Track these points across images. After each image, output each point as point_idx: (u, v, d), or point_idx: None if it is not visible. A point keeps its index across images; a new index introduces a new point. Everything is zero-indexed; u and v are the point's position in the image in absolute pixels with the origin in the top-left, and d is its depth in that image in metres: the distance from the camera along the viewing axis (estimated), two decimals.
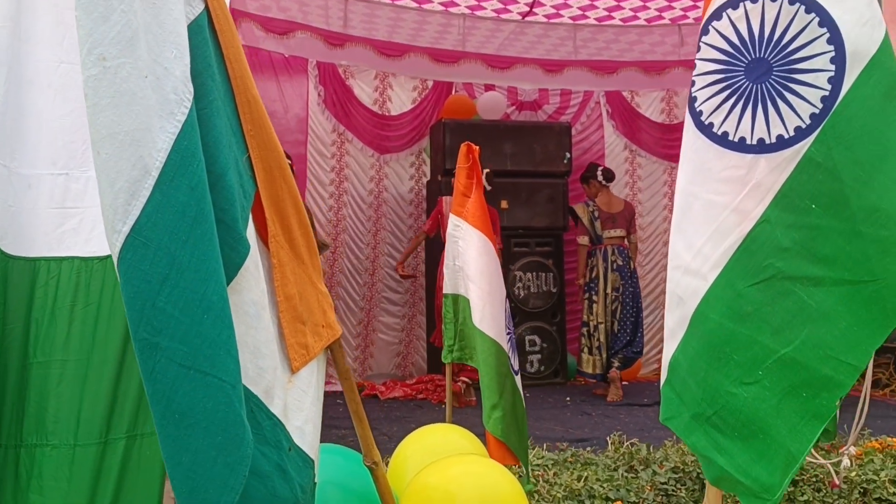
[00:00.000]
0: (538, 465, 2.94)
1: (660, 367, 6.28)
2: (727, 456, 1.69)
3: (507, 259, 6.74)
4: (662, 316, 6.58)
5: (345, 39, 6.91)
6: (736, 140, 1.77)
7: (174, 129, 1.10)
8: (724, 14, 1.83)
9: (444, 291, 3.41)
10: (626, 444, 3.07)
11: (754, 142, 1.74)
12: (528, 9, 7.14)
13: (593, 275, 6.19)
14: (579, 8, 7.17)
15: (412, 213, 7.11)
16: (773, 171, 1.70)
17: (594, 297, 6.14)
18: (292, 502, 1.31)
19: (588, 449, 3.28)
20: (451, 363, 3.32)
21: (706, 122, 1.82)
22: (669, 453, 2.97)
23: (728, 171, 1.77)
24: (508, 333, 2.82)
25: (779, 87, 1.72)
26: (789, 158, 1.69)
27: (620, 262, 6.17)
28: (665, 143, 7.50)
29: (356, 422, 1.70)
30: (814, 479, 2.87)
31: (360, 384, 6.60)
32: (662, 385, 1.88)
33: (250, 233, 1.29)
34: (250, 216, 1.31)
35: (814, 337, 1.62)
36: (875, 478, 2.78)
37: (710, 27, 1.85)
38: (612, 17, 7.39)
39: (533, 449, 3.29)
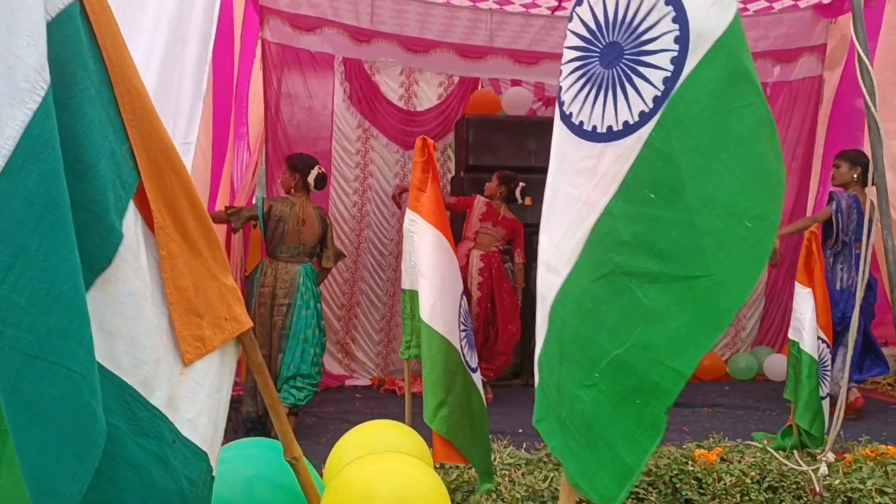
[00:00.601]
0: (510, 464, 2.91)
1: (728, 372, 6.12)
2: (576, 462, 1.61)
3: (531, 256, 6.68)
4: None
5: (371, 35, 6.94)
6: (589, 129, 1.68)
7: (24, 118, 1.10)
8: (585, 0, 1.75)
9: (402, 287, 3.39)
10: None
11: (604, 130, 1.65)
12: (556, 3, 7.07)
13: None
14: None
15: None
16: (619, 159, 1.60)
17: None
18: (176, 494, 1.31)
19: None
20: (408, 360, 3.29)
21: (567, 112, 1.74)
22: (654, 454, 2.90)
23: (583, 163, 1.68)
24: (464, 330, 2.78)
25: (628, 71, 1.62)
26: (632, 145, 1.58)
27: None
28: None
29: (273, 416, 1.70)
30: (794, 487, 2.77)
31: (380, 379, 6.64)
32: (536, 387, 1.80)
33: (131, 223, 1.30)
34: (132, 207, 1.32)
35: (644, 338, 1.50)
36: (861, 486, 2.68)
37: (574, 13, 1.78)
38: None
39: (507, 447, 3.25)
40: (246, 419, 4.87)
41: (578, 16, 1.76)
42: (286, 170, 5.20)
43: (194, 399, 1.41)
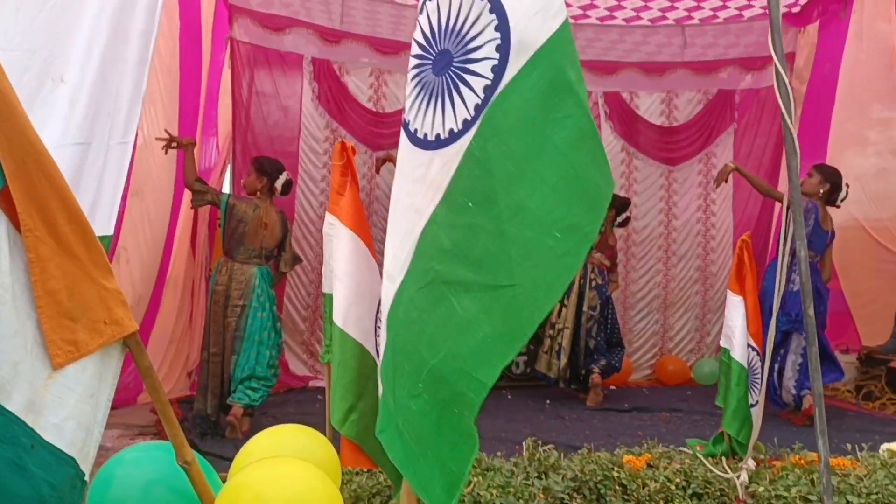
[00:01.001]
0: None
1: (651, 373, 6.23)
2: (414, 471, 1.60)
3: None
4: (655, 321, 6.50)
5: (341, 36, 6.93)
6: (422, 137, 1.67)
7: None
8: (424, 7, 1.74)
9: (323, 290, 3.37)
10: (541, 448, 3.02)
11: (433, 138, 1.64)
12: None
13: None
14: (580, 7, 7.09)
15: None
16: (444, 167, 1.59)
17: (565, 301, 6.08)
18: (35, 499, 1.30)
19: (499, 454, 3.22)
20: (328, 364, 3.27)
21: (406, 120, 1.74)
22: (577, 461, 2.90)
23: (416, 171, 1.67)
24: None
25: (455, 79, 1.62)
26: (455, 154, 1.57)
27: (599, 282, 6.15)
28: (663, 145, 7.37)
29: (164, 422, 1.69)
30: (718, 493, 2.79)
31: None
32: (380, 397, 1.77)
33: None
34: None
35: (455, 349, 1.49)
36: (785, 494, 2.69)
37: (417, 22, 1.77)
38: (614, 17, 7.30)
39: None
40: (196, 417, 4.85)
41: (420, 24, 1.76)
42: (253, 171, 5.18)
43: (63, 403, 1.40)
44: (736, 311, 3.43)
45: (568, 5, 7.01)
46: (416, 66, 1.73)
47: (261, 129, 6.70)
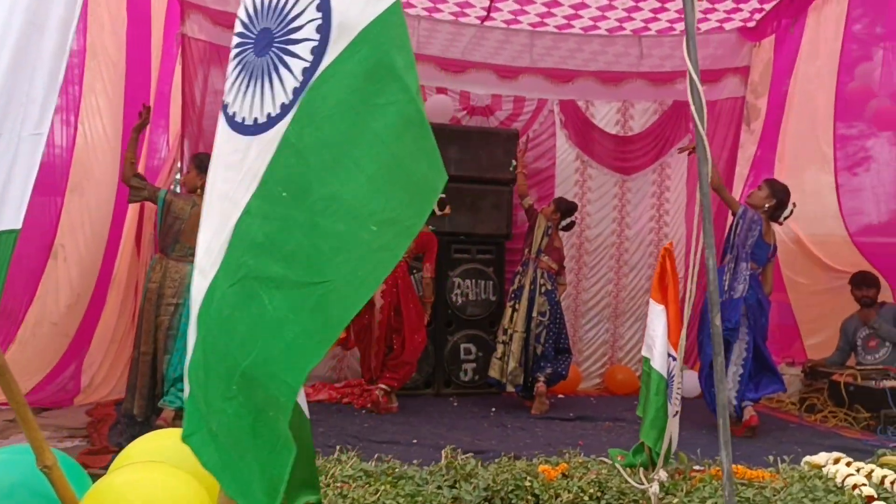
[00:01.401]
0: (349, 476, 2.84)
1: (600, 382, 6.20)
2: (230, 475, 1.52)
3: (447, 265, 6.66)
4: (605, 330, 6.46)
5: None
6: (240, 121, 1.59)
7: None
8: None
9: None
10: (459, 456, 2.96)
11: (251, 122, 1.56)
12: (485, 13, 7.07)
13: (520, 283, 6.09)
14: (538, 15, 7.09)
15: None
16: (260, 154, 1.51)
17: (517, 306, 6.04)
18: None
19: (415, 461, 3.15)
20: None
21: (225, 103, 1.65)
22: (492, 470, 2.85)
23: (232, 156, 1.58)
24: None
25: (275, 60, 1.54)
26: (272, 140, 1.49)
27: (549, 287, 6.10)
28: (618, 154, 7.38)
29: (23, 426, 1.60)
30: None
31: None
32: (186, 399, 1.67)
33: None
34: None
35: (266, 350, 1.42)
36: None
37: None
38: (572, 26, 7.30)
39: (352, 459, 3.17)
40: (124, 415, 4.74)
41: (243, 0, 1.67)
42: (192, 168, 5.07)
43: None
44: (657, 321, 3.41)
45: (525, 13, 7.07)
46: (237, 46, 1.64)
47: (211, 128, 6.57)
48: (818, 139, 6.76)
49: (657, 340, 3.36)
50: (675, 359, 3.28)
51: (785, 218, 5.52)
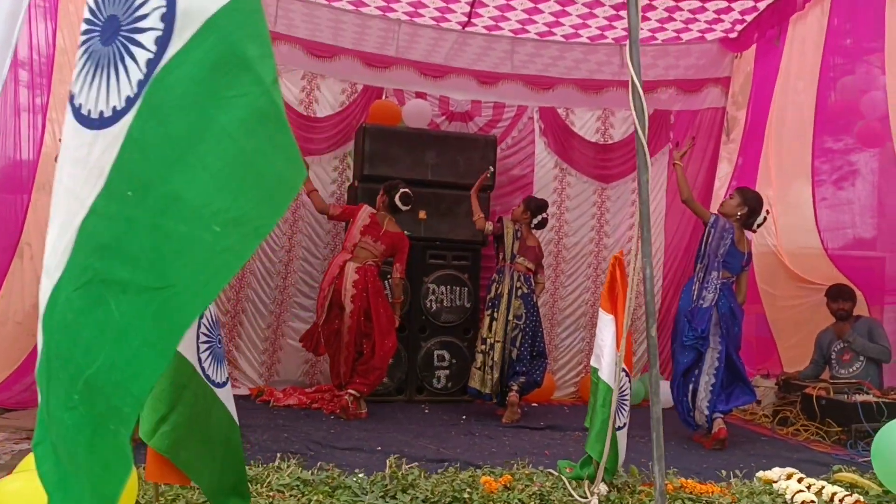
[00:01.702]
0: (285, 484, 2.78)
1: (576, 391, 6.14)
2: (63, 491, 1.43)
3: (422, 271, 6.61)
4: (581, 339, 6.40)
5: (274, 38, 6.80)
6: (86, 114, 1.51)
7: None
8: None
9: None
10: (403, 467, 2.91)
11: (96, 115, 1.48)
12: (466, 19, 7.04)
13: (497, 291, 6.03)
14: (518, 22, 7.06)
15: None
16: (106, 150, 1.44)
17: (495, 315, 5.98)
18: None
19: (358, 471, 3.09)
20: None
21: (72, 93, 1.56)
22: (434, 481, 2.80)
23: (78, 151, 1.50)
24: (208, 342, 2.62)
25: (121, 50, 1.46)
26: (118, 134, 1.42)
27: (525, 291, 6.02)
28: (598, 162, 7.35)
29: None
30: None
31: (259, 389, 6.47)
32: (39, 406, 1.57)
33: None
34: None
35: (111, 357, 1.34)
36: None
37: None
38: (553, 34, 7.27)
39: (290, 467, 3.11)
40: None
41: None
42: None
43: None
44: (606, 330, 3.37)
45: (506, 19, 7.04)
46: (85, 33, 1.56)
47: None
48: (799, 151, 6.74)
49: (605, 350, 3.32)
50: (627, 374, 3.24)
51: (758, 225, 5.49)
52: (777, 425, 5.95)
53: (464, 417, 5.96)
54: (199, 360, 2.46)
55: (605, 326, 3.34)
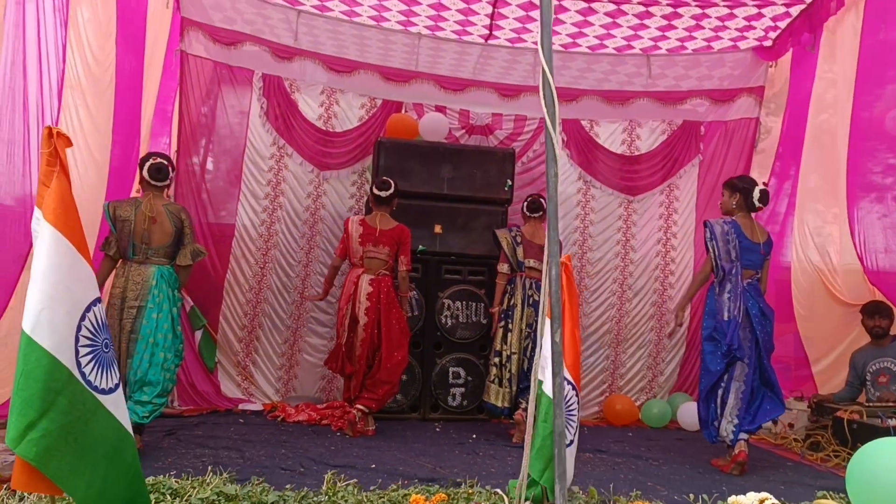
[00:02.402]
0: (204, 498, 2.66)
1: (598, 412, 5.88)
2: None
3: (437, 286, 6.49)
4: (606, 357, 6.15)
5: (294, 53, 6.84)
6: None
7: None
8: None
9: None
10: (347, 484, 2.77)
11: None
12: (488, 32, 6.94)
13: (511, 303, 5.86)
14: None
15: None
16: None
17: (510, 326, 5.81)
18: None
19: (288, 486, 2.95)
20: None
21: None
22: (366, 497, 2.65)
23: None
24: (92, 346, 2.48)
25: None
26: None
27: (537, 298, 5.82)
28: (624, 174, 7.13)
29: None
30: None
31: (272, 405, 6.42)
32: None
33: None
34: None
35: None
36: None
37: None
38: (578, 45, 7.12)
39: (214, 480, 2.99)
40: None
41: None
42: (139, 171, 5.02)
43: None
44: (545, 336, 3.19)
45: (527, 31, 6.91)
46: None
47: (204, 144, 6.61)
48: (836, 163, 6.40)
49: (549, 361, 3.14)
50: (571, 384, 3.04)
51: (759, 200, 5.18)
52: (807, 450, 5.62)
53: (474, 436, 5.80)
54: (78, 364, 2.38)
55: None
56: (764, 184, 5.26)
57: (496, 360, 5.84)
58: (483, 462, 4.97)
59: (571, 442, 3.07)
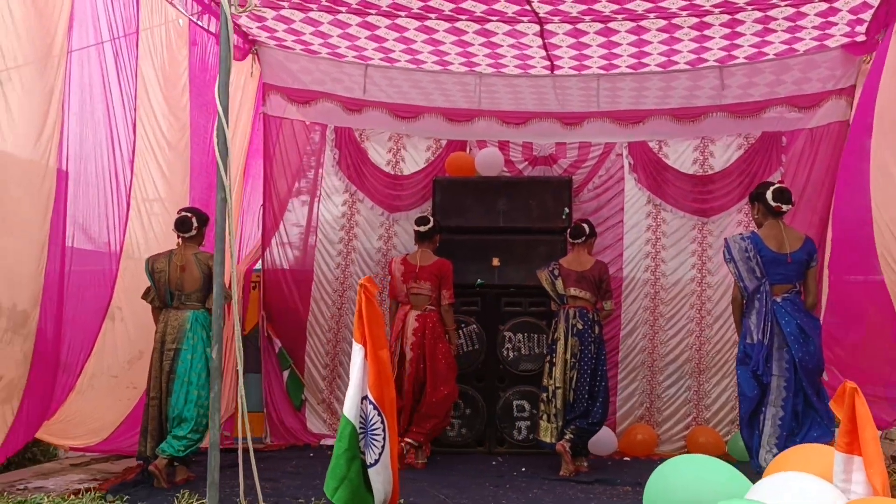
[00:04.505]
0: None
1: (683, 446, 5.60)
2: None
3: (497, 319, 6.53)
4: (687, 387, 5.84)
5: (363, 104, 7.25)
6: None
7: None
8: None
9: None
10: None
11: None
12: (548, 62, 6.96)
13: (555, 336, 5.79)
14: (601, 57, 6.84)
15: None
16: None
17: (554, 360, 5.74)
18: None
19: None
20: None
21: None
22: None
23: None
24: None
25: None
26: None
27: (581, 327, 5.71)
28: (696, 196, 6.80)
29: None
30: None
31: None
32: None
33: None
34: None
35: None
36: None
37: None
38: (646, 65, 6.93)
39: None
40: (137, 458, 5.22)
41: None
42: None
43: None
44: (354, 360, 3.16)
45: (586, 57, 6.84)
46: None
47: (285, 196, 7.15)
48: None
49: (351, 382, 3.13)
50: (373, 404, 3.01)
51: (776, 201, 4.81)
52: None
53: (523, 469, 5.75)
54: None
55: (355, 355, 3.17)
56: (779, 181, 4.87)
57: (544, 395, 5.80)
58: (503, 494, 4.96)
59: (375, 462, 3.08)
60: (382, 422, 3.03)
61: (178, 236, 5.37)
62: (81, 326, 5.57)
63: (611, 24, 6.34)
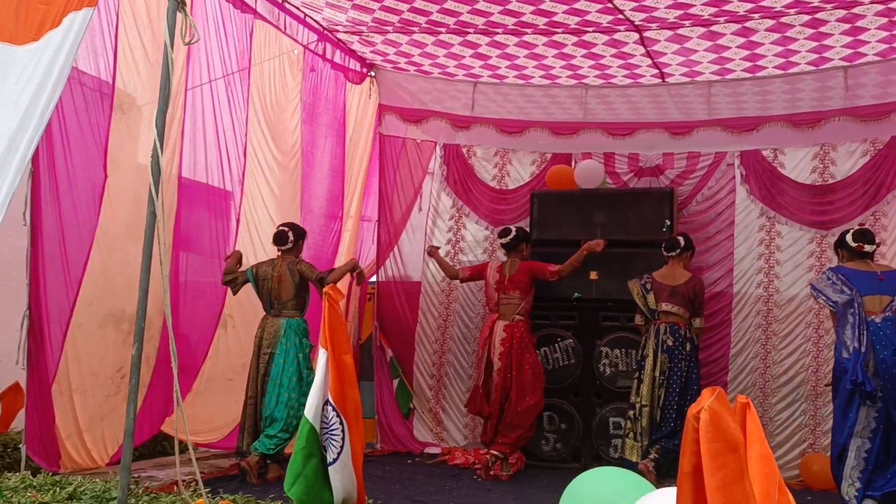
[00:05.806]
0: None
1: (797, 475, 5.33)
2: None
3: (594, 334, 6.43)
4: (802, 411, 5.60)
5: (471, 122, 7.42)
6: None
7: None
8: None
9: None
10: None
11: None
12: (657, 70, 6.80)
13: (644, 353, 5.63)
14: (711, 62, 6.58)
15: None
16: None
17: (642, 377, 5.58)
18: None
19: None
20: None
21: None
22: None
23: None
24: None
25: None
26: None
27: (671, 343, 5.50)
28: (814, 207, 6.33)
29: None
30: None
31: (448, 449, 6.82)
32: None
33: None
34: None
35: None
36: None
37: None
38: (764, 67, 6.56)
39: None
40: (235, 454, 5.62)
41: None
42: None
43: None
44: (318, 365, 3.19)
45: (696, 63, 6.59)
46: None
47: (397, 212, 7.44)
48: None
49: (314, 384, 3.19)
50: (334, 409, 3.05)
51: (855, 241, 4.72)
52: None
53: None
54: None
55: (319, 361, 3.25)
56: (860, 224, 4.56)
57: (631, 413, 5.65)
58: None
59: (334, 461, 3.14)
60: (342, 423, 3.14)
61: (278, 249, 5.74)
62: (197, 332, 6.11)
63: (713, 28, 6.11)
